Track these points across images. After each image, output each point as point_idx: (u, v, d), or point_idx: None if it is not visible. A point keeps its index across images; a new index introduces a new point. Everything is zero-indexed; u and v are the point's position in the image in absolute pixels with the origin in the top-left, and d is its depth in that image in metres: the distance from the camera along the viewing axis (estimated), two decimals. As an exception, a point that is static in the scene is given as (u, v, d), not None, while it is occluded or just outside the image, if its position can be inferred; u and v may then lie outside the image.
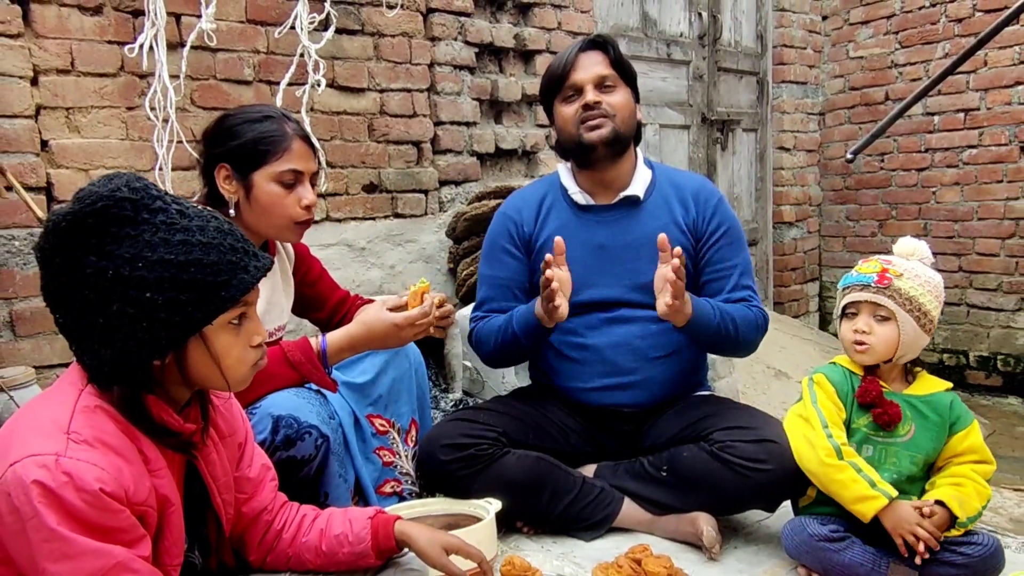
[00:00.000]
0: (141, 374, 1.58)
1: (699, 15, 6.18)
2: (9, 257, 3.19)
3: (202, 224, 1.59)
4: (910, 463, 2.43)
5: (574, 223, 3.00)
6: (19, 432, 1.50)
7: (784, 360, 5.44)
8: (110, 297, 1.50)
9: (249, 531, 2.02)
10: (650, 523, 2.83)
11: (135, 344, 1.53)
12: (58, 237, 1.52)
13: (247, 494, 2.00)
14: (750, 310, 2.91)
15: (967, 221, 6.35)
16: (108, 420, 1.55)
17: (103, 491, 1.43)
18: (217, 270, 1.56)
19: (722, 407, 2.93)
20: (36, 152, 3.26)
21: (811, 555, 2.43)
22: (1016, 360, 6.15)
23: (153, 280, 1.50)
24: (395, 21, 4.33)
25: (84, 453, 1.45)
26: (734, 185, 6.73)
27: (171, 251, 1.52)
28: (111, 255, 1.50)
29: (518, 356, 3.03)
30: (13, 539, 1.42)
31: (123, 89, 3.48)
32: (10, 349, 3.21)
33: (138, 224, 1.53)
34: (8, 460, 1.42)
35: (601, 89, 2.90)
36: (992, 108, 6.13)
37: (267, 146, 2.40)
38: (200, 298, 1.54)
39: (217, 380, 1.67)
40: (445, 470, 2.72)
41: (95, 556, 1.42)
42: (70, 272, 1.53)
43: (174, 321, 1.53)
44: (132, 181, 1.57)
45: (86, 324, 1.54)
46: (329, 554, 2.03)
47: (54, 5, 3.28)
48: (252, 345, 1.70)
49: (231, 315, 1.63)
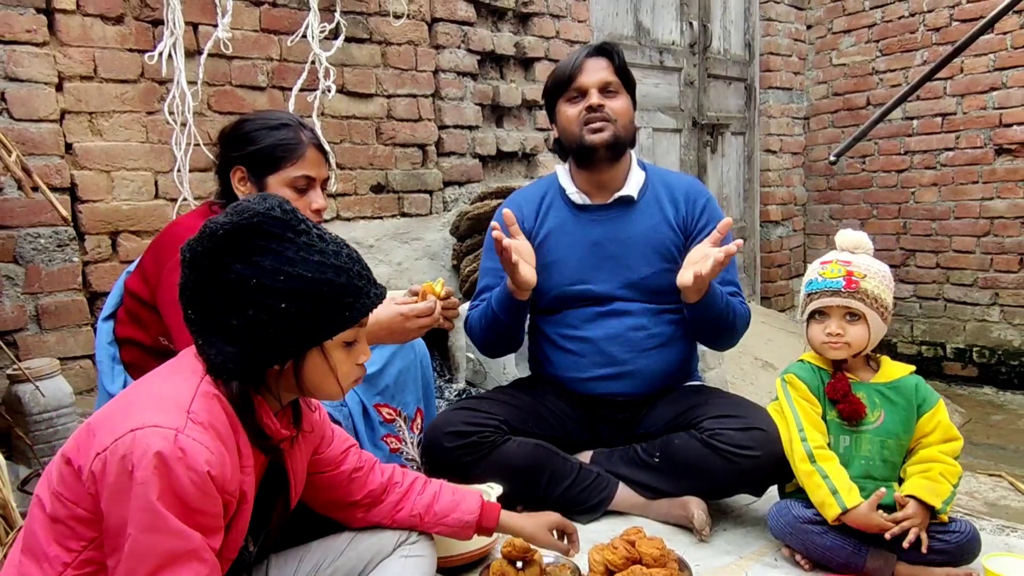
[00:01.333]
0: (257, 375, 1.64)
1: (690, 24, 6.17)
2: (36, 254, 3.19)
3: (336, 250, 1.66)
4: (883, 448, 2.44)
5: (571, 221, 3.00)
6: (142, 401, 1.53)
7: (770, 352, 5.44)
8: (247, 302, 1.57)
9: (343, 492, 2.08)
10: (643, 507, 2.83)
11: (261, 347, 1.59)
12: (212, 242, 1.58)
13: (332, 467, 2.05)
14: (742, 305, 2.93)
15: (944, 220, 6.35)
16: (221, 410, 1.58)
17: (210, 474, 1.46)
18: (345, 291, 1.64)
19: (712, 396, 2.93)
20: (60, 154, 3.26)
21: (795, 536, 2.44)
22: (991, 352, 6.15)
23: (289, 292, 1.57)
24: (401, 30, 4.33)
25: (199, 435, 1.48)
26: (723, 186, 6.73)
27: (308, 269, 1.59)
28: (256, 265, 1.57)
29: (502, 336, 3.01)
30: (113, 499, 1.43)
31: (143, 95, 3.48)
32: (36, 341, 3.21)
33: (283, 241, 1.60)
34: (129, 425, 1.45)
35: (604, 94, 2.90)
36: (968, 113, 6.13)
37: (283, 153, 2.40)
38: (328, 314, 1.62)
39: (328, 389, 1.72)
40: (450, 456, 2.72)
41: (177, 537, 1.43)
42: (216, 275, 1.58)
43: (301, 331, 1.61)
44: (284, 203, 1.64)
45: (219, 323, 1.59)
46: (440, 514, 2.11)
47: (78, 15, 3.28)
48: (358, 363, 1.76)
49: (349, 334, 1.69)
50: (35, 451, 2.76)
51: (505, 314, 2.87)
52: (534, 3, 4.96)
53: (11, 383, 2.91)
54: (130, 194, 3.44)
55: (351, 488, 2.07)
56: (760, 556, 2.58)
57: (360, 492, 2.08)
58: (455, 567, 2.42)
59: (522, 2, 4.89)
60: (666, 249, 2.96)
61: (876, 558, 2.33)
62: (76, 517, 1.48)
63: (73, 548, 1.49)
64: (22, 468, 2.80)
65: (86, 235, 3.35)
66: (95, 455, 1.44)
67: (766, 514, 2.63)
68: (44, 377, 2.91)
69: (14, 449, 2.89)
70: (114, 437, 1.43)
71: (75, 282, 3.30)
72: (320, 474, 2.04)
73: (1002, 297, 6.08)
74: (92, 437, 1.48)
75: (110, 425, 1.47)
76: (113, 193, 3.41)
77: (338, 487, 2.07)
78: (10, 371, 2.92)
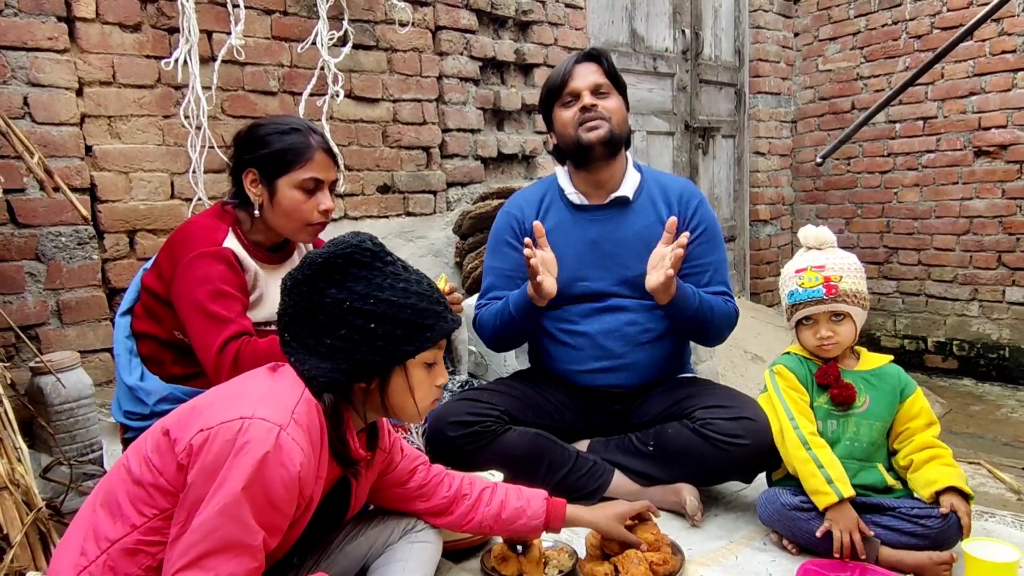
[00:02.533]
0: (345, 391, 1.72)
1: (682, 32, 6.16)
2: (57, 252, 3.19)
3: (419, 279, 1.78)
4: (870, 430, 2.46)
5: (570, 221, 3.01)
6: (253, 393, 1.61)
7: (759, 345, 5.44)
8: (340, 323, 1.67)
9: (410, 504, 2.14)
10: (638, 493, 2.82)
11: (352, 364, 1.68)
12: (311, 270, 1.70)
13: (399, 485, 2.11)
14: (726, 303, 2.93)
15: (926, 219, 6.34)
16: (317, 419, 1.65)
17: (300, 474, 1.51)
18: (426, 315, 1.73)
19: (703, 388, 2.94)
20: (81, 156, 3.26)
21: (783, 523, 2.44)
22: (970, 345, 6.15)
23: (378, 314, 1.68)
24: (407, 37, 4.32)
25: (299, 436, 1.55)
26: (714, 186, 6.72)
27: (395, 295, 1.70)
28: (349, 290, 1.68)
29: (514, 336, 3.03)
30: (204, 472, 1.47)
31: (160, 99, 3.47)
32: (57, 335, 3.21)
33: (372, 269, 1.71)
34: (239, 412, 1.51)
35: (596, 95, 2.91)
36: (948, 116, 6.12)
37: (292, 156, 2.40)
38: (411, 335, 1.71)
39: (408, 409, 1.78)
40: (453, 445, 2.73)
41: (244, 529, 1.47)
42: (313, 299, 1.69)
43: (387, 350, 1.69)
44: (374, 239, 1.77)
45: (313, 342, 1.69)
46: (508, 521, 2.14)
47: (97, 23, 3.28)
48: (436, 384, 1.81)
49: (429, 355, 1.76)
50: (56, 440, 2.76)
51: (522, 317, 2.88)
52: (533, 12, 4.95)
53: (33, 375, 2.91)
54: (147, 194, 3.44)
55: (417, 502, 2.14)
56: (750, 540, 2.58)
57: (425, 505, 2.14)
58: (458, 551, 2.42)
59: (522, 11, 4.88)
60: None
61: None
62: (157, 486, 1.53)
63: (146, 513, 1.53)
64: (44, 456, 2.80)
65: (105, 233, 3.35)
66: (199, 430, 1.50)
67: (755, 500, 2.63)
68: (65, 369, 2.91)
69: (36, 438, 2.88)
70: (222, 419, 1.50)
71: (95, 278, 3.30)
72: (386, 490, 2.10)
73: (981, 293, 6.08)
74: (197, 415, 1.55)
75: (219, 407, 1.55)
76: (131, 193, 3.40)
77: (404, 501, 2.14)
78: (32, 364, 2.91)
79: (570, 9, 5.18)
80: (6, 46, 3.06)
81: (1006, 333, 5.95)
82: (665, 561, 2.25)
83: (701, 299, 2.82)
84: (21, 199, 3.11)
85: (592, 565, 2.27)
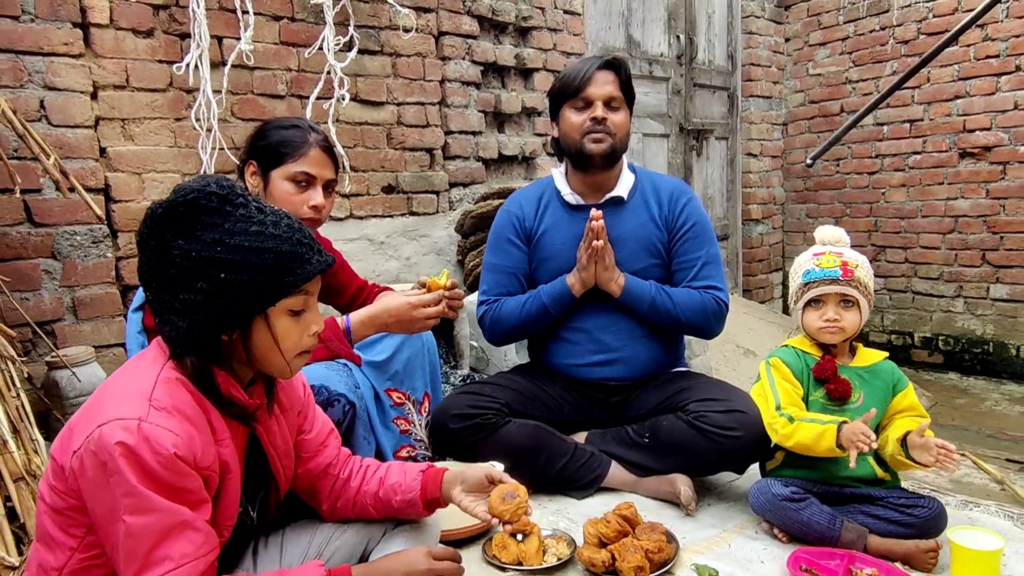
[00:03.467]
0: (211, 347, 1.59)
1: (677, 37, 6.15)
2: (72, 250, 3.19)
3: (276, 220, 1.60)
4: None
5: (566, 220, 3.00)
6: (108, 397, 1.50)
7: (751, 340, 5.43)
8: (192, 275, 1.51)
9: (318, 484, 2.01)
10: (634, 483, 2.83)
11: (208, 318, 1.53)
12: (154, 222, 1.54)
13: (310, 454, 1.97)
14: (701, 294, 2.91)
15: (912, 218, 6.34)
16: (184, 391, 1.54)
17: (176, 455, 1.43)
18: (285, 258, 1.56)
19: (697, 381, 2.93)
20: (95, 158, 3.25)
21: (774, 513, 2.44)
22: (955, 340, 6.15)
23: (229, 262, 1.51)
24: (410, 43, 4.32)
25: (162, 420, 1.45)
26: (708, 187, 6.72)
27: (247, 239, 1.53)
28: (197, 239, 1.52)
29: (540, 328, 3.02)
30: (95, 492, 1.42)
31: (171, 102, 3.47)
32: (73, 331, 3.21)
33: (222, 215, 1.54)
34: (97, 421, 1.43)
35: (608, 107, 2.89)
36: (934, 119, 6.11)
37: (287, 149, 2.40)
38: (268, 281, 1.55)
39: (274, 361, 1.65)
40: (455, 437, 2.73)
41: (167, 513, 1.42)
42: (161, 253, 1.53)
43: (243, 299, 1.54)
44: (221, 180, 1.59)
45: (170, 299, 1.54)
46: (384, 500, 1.99)
47: (111, 29, 3.27)
48: (308, 334, 1.68)
49: (293, 301, 1.61)
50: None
51: (557, 308, 2.91)
52: (533, 18, 4.95)
53: (49, 369, 2.91)
54: (159, 194, 3.43)
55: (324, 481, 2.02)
56: (742, 529, 2.57)
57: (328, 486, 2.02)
58: (460, 539, 2.42)
59: (522, 17, 4.88)
60: (652, 245, 2.97)
61: (849, 531, 2.33)
62: (72, 507, 1.49)
63: (76, 534, 1.50)
64: (60, 448, 2.79)
65: (119, 232, 3.35)
66: (72, 453, 1.44)
67: (748, 491, 2.63)
68: (80, 364, 2.91)
69: (52, 430, 2.88)
70: (85, 435, 1.43)
71: (108, 276, 3.30)
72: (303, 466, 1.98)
73: (966, 290, 6.07)
74: (71, 435, 1.47)
75: (83, 423, 1.46)
76: (143, 193, 3.40)
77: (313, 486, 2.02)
78: (48, 358, 2.92)
79: (568, 15, 5.18)
80: (23, 51, 3.05)
81: (990, 329, 5.95)
82: (660, 549, 2.25)
83: (660, 290, 2.87)
84: (38, 199, 3.11)
85: (589, 553, 2.26)
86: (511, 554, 2.30)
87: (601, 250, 2.78)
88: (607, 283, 2.86)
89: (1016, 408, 5.10)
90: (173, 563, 1.43)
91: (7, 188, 2.96)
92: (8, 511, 2.14)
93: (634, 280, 2.88)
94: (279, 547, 1.96)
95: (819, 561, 2.26)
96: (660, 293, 2.88)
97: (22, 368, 2.65)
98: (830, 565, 2.24)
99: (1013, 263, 5.81)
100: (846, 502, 2.44)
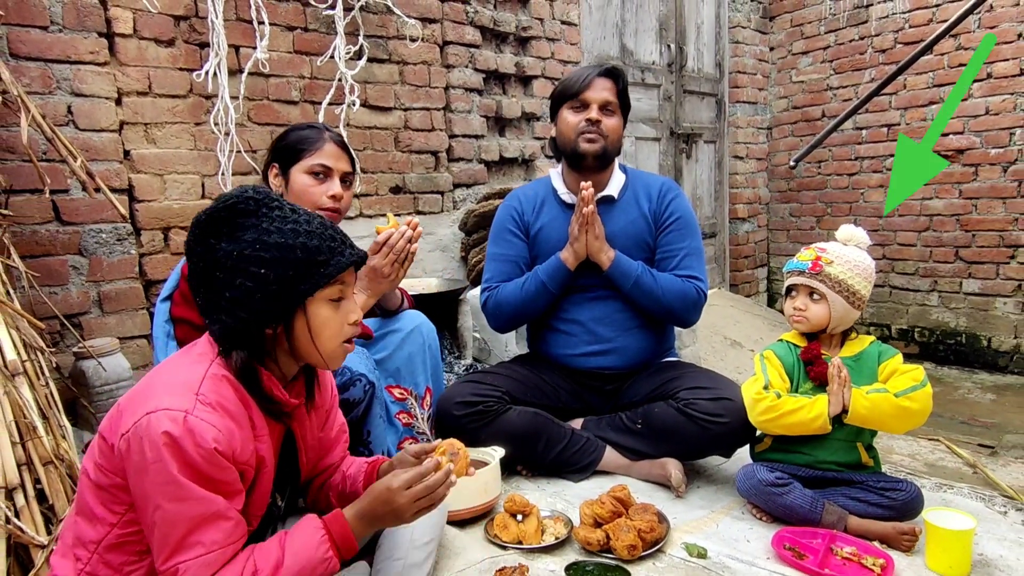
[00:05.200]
0: (257, 342, 1.60)
1: (668, 47, 6.14)
2: (98, 247, 3.18)
3: (308, 219, 1.63)
4: None
5: (562, 217, 3.01)
6: (157, 387, 1.50)
7: (738, 332, 5.43)
8: (235, 274, 1.54)
9: (315, 480, 2.00)
10: (627, 467, 2.83)
11: (252, 313, 1.55)
12: (199, 229, 1.58)
13: (322, 452, 1.97)
14: (683, 281, 2.91)
15: (890, 217, 6.33)
16: (230, 389, 1.55)
17: (216, 449, 1.43)
18: (319, 252, 1.59)
19: (687, 371, 2.93)
20: (120, 160, 3.24)
21: (759, 496, 2.44)
22: (930, 332, 6.14)
23: (268, 259, 1.54)
24: (417, 52, 4.31)
25: (207, 414, 1.46)
26: (697, 187, 6.71)
27: (283, 236, 1.56)
28: (238, 240, 1.55)
29: (539, 306, 2.98)
30: (138, 474, 1.43)
31: (191, 108, 3.46)
32: (98, 323, 3.20)
33: (259, 216, 1.58)
34: (145, 409, 1.43)
35: (603, 111, 2.92)
36: (911, 124, 6.10)
37: (304, 145, 2.42)
38: (304, 274, 1.57)
39: (316, 351, 1.65)
40: (458, 423, 2.73)
41: (201, 502, 1.43)
42: (207, 257, 1.57)
43: (283, 293, 1.56)
44: (257, 187, 1.63)
45: (217, 299, 1.57)
46: (341, 492, 1.95)
47: (135, 38, 3.26)
48: (348, 323, 1.68)
49: (330, 292, 1.62)
50: (97, 419, 2.76)
51: (552, 282, 2.90)
52: (532, 28, 4.93)
53: (77, 359, 2.91)
54: (180, 194, 3.43)
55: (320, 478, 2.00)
56: (729, 511, 2.58)
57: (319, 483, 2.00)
58: (463, 520, 2.42)
59: (522, 27, 4.86)
60: (642, 240, 2.98)
61: (831, 513, 2.33)
62: (116, 485, 1.49)
63: (117, 511, 1.50)
64: (86, 434, 2.79)
65: (142, 230, 3.34)
66: (120, 435, 1.44)
67: (734, 474, 2.63)
68: (105, 354, 2.91)
69: (79, 417, 2.88)
70: (134, 420, 1.43)
71: (132, 271, 3.29)
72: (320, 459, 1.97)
73: (940, 284, 6.07)
74: (120, 417, 1.48)
75: (132, 407, 1.47)
76: (165, 194, 3.39)
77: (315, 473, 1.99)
78: (76, 349, 2.91)
79: (566, 26, 5.16)
80: (52, 59, 3.04)
81: (963, 321, 5.95)
82: (652, 529, 2.25)
83: (645, 270, 2.88)
84: (65, 199, 3.10)
85: (585, 532, 2.26)
86: (511, 534, 2.30)
87: (590, 216, 2.78)
88: (597, 253, 2.86)
89: (987, 396, 5.09)
90: (204, 548, 1.43)
91: (37, 189, 2.95)
92: (37, 492, 2.13)
93: (623, 256, 2.89)
94: None
95: (802, 540, 2.26)
96: (646, 273, 2.88)
97: (51, 358, 2.64)
98: (812, 544, 2.24)
99: (984, 259, 5.80)
100: (828, 485, 2.44)
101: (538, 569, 2.16)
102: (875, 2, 6.22)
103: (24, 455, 2.14)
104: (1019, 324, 5.63)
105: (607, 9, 5.62)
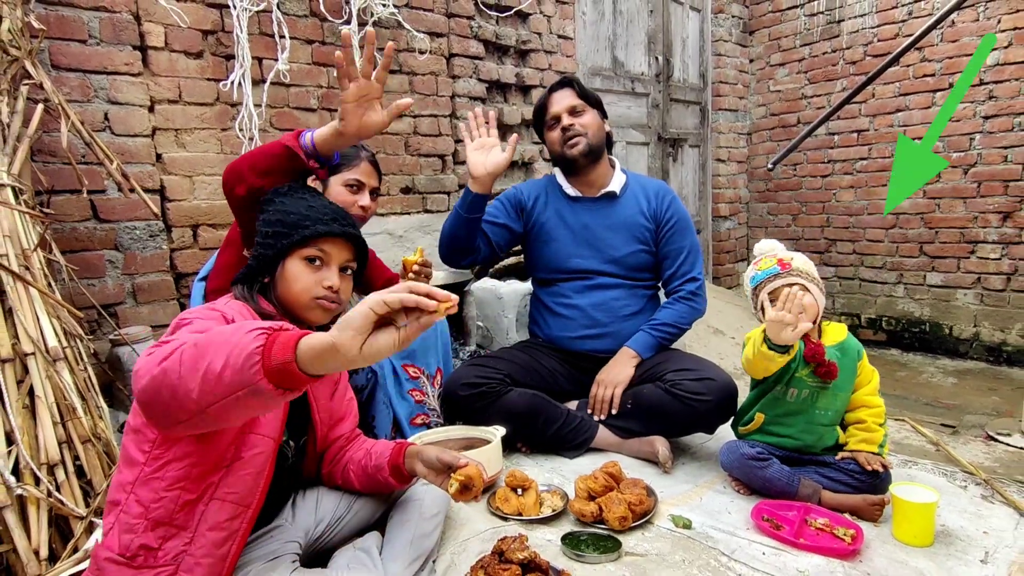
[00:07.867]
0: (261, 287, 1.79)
1: (656, 59, 6.11)
2: (132, 243, 3.17)
3: (320, 202, 1.84)
4: (835, 399, 2.43)
5: (566, 209, 3.06)
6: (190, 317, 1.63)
7: (720, 320, 5.41)
8: (258, 235, 1.80)
9: (328, 451, 2.00)
10: (619, 445, 2.84)
11: (257, 260, 1.78)
12: (263, 200, 1.86)
13: (333, 422, 1.98)
14: (679, 302, 2.99)
15: (860, 215, 6.31)
16: (246, 308, 1.70)
17: None
18: (306, 219, 1.76)
19: (673, 355, 2.94)
20: (152, 163, 3.23)
21: (740, 470, 2.43)
22: (896, 321, 6.13)
23: (272, 220, 1.78)
24: (425, 63, 4.29)
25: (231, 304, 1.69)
26: (683, 188, 6.69)
27: (290, 205, 1.80)
28: (267, 211, 1.82)
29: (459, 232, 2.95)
30: None
31: (218, 115, 3.45)
32: (133, 313, 3.19)
33: (289, 195, 1.84)
34: None
35: (573, 115, 2.98)
36: (879, 130, 6.08)
37: (344, 160, 2.50)
38: (286, 234, 1.75)
39: (291, 300, 1.76)
40: (463, 403, 2.73)
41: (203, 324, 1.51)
42: (259, 217, 1.84)
43: (271, 245, 1.76)
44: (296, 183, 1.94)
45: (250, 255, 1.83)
46: (363, 466, 1.94)
47: (166, 51, 3.25)
48: (322, 285, 1.76)
49: (306, 251, 1.75)
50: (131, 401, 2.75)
51: (464, 208, 2.90)
52: (531, 42, 4.91)
53: (113, 346, 2.91)
54: (208, 195, 3.41)
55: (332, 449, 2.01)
56: (712, 485, 2.57)
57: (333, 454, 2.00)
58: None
59: (521, 41, 4.84)
60: (641, 234, 3.02)
61: (806, 487, 2.33)
62: (144, 424, 1.51)
63: (144, 449, 1.51)
64: (121, 414, 2.79)
65: (172, 227, 3.33)
66: None
67: (717, 451, 2.63)
68: (139, 341, 2.90)
69: (115, 399, 2.88)
70: None
71: (163, 265, 3.28)
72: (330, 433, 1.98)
73: (906, 277, 6.05)
74: None
75: None
76: (194, 194, 3.38)
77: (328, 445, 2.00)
78: (112, 336, 2.91)
79: (562, 40, 5.14)
80: (90, 70, 3.03)
81: (927, 311, 5.93)
82: (641, 501, 2.25)
83: (659, 331, 2.96)
84: (102, 199, 3.09)
85: (580, 505, 2.26)
86: (512, 506, 2.29)
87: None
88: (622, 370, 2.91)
89: (949, 380, 5.08)
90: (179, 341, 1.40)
91: (76, 189, 2.95)
92: (76, 469, 2.13)
93: (641, 340, 2.94)
94: (315, 499, 1.95)
95: (778, 512, 2.26)
96: (660, 329, 2.96)
97: (89, 345, 2.64)
98: (788, 516, 2.24)
99: (947, 254, 5.78)
100: (805, 464, 2.44)
101: (536, 538, 2.16)
102: (846, 18, 6.19)
103: (64, 434, 2.13)
104: (978, 314, 5.61)
105: (600, 24, 5.59)
